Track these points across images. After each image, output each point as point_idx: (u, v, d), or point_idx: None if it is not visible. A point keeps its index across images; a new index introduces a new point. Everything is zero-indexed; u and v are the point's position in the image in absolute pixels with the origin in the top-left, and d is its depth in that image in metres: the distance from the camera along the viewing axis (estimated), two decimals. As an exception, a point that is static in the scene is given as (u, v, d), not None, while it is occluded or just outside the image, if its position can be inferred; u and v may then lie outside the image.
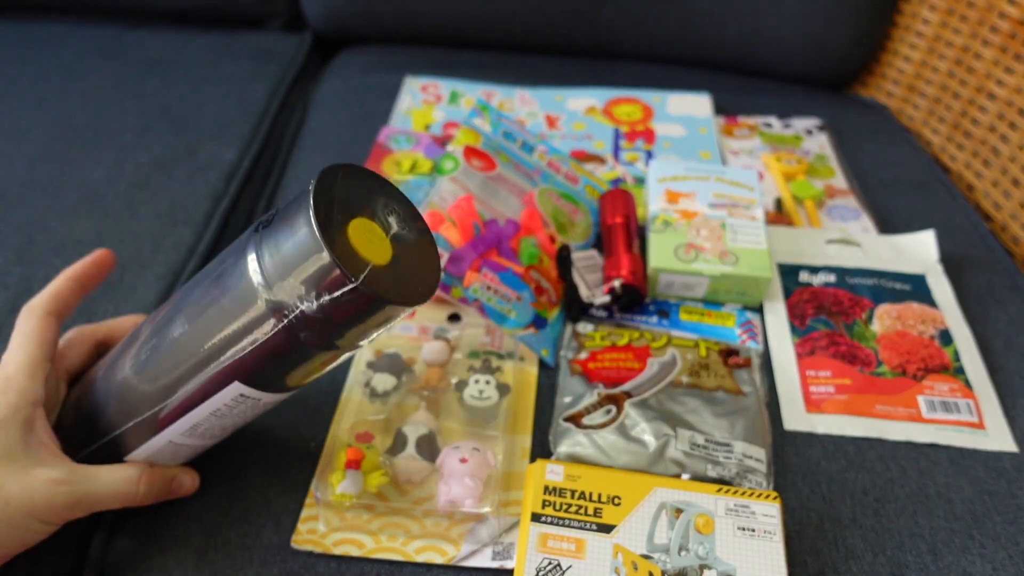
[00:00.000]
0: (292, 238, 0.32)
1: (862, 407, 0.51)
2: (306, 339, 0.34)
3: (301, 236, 0.32)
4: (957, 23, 0.79)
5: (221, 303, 0.35)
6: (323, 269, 0.32)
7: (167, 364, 0.37)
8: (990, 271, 0.63)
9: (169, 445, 0.40)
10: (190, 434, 0.40)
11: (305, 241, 0.32)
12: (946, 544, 0.44)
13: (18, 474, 0.36)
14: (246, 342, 0.35)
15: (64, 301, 0.42)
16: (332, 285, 0.32)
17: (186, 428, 0.39)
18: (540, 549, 0.40)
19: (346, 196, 0.34)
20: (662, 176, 0.64)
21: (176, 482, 0.43)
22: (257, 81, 0.83)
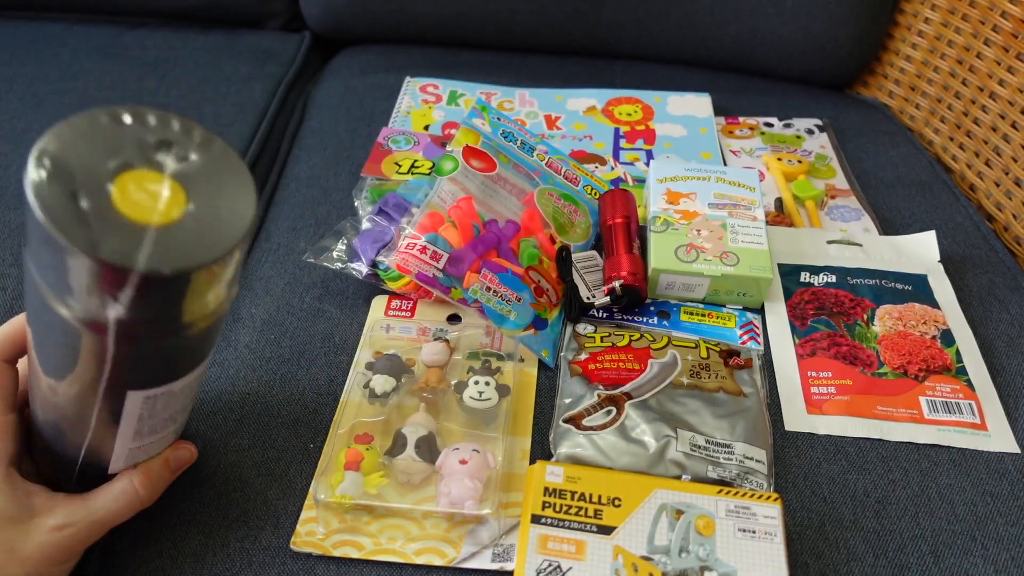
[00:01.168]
0: (45, 246, 0.26)
1: (863, 408, 0.51)
2: (150, 334, 0.29)
3: (48, 241, 0.25)
4: (959, 23, 0.78)
5: (51, 337, 0.30)
6: (92, 269, 0.25)
7: (61, 409, 0.34)
8: (992, 271, 0.62)
9: (134, 450, 0.38)
10: (142, 437, 0.37)
11: (55, 246, 0.25)
12: (948, 546, 0.44)
13: (21, 533, 0.36)
14: (99, 366, 0.30)
15: (16, 343, 0.39)
16: (115, 281, 0.26)
17: (130, 439, 0.37)
18: (540, 551, 0.39)
19: (88, 159, 0.26)
20: (662, 176, 0.64)
21: (173, 461, 0.42)
22: (256, 81, 0.83)
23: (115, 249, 0.25)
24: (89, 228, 0.25)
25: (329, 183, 0.70)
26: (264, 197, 0.73)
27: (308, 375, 0.52)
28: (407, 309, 0.56)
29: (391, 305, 0.57)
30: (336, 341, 0.55)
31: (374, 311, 0.56)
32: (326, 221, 0.65)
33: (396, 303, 0.57)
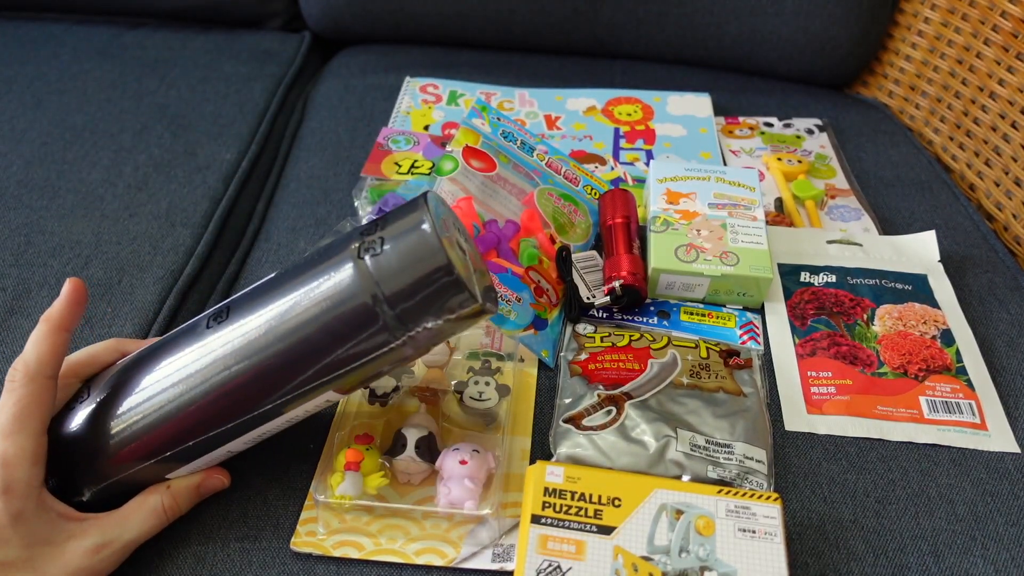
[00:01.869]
0: (416, 263, 0.35)
1: (863, 408, 0.51)
2: (408, 350, 0.38)
3: (427, 260, 0.35)
4: (959, 22, 0.78)
5: (330, 326, 0.36)
6: (456, 292, 0.35)
7: (261, 381, 0.38)
8: (992, 271, 0.62)
9: (224, 453, 0.41)
10: (255, 439, 0.41)
11: (434, 265, 0.35)
12: (948, 545, 0.44)
13: (55, 556, 0.36)
14: (360, 359, 0.37)
15: (58, 358, 0.38)
16: (461, 303, 0.36)
17: (256, 435, 0.40)
18: (540, 551, 0.39)
19: (438, 218, 0.37)
20: (662, 176, 0.64)
21: (205, 488, 0.42)
22: (256, 81, 0.83)
23: (468, 282, 0.36)
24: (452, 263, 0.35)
25: (329, 183, 0.70)
26: (264, 197, 0.73)
27: (308, 375, 0.52)
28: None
29: (391, 305, 0.57)
30: (336, 341, 0.54)
31: (374, 311, 0.56)
32: (326, 221, 0.65)
33: (396, 303, 0.57)
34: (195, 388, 0.38)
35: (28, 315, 0.54)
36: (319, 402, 0.40)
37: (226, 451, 0.41)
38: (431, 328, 0.37)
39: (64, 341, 0.39)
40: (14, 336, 0.53)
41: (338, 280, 0.36)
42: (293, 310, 0.37)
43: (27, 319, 0.54)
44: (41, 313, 0.54)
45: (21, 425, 0.36)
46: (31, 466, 0.36)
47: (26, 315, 0.54)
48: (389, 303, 0.35)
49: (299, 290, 0.37)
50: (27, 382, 0.37)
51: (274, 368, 0.37)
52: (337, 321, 0.36)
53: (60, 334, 0.38)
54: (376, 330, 0.36)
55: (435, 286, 0.35)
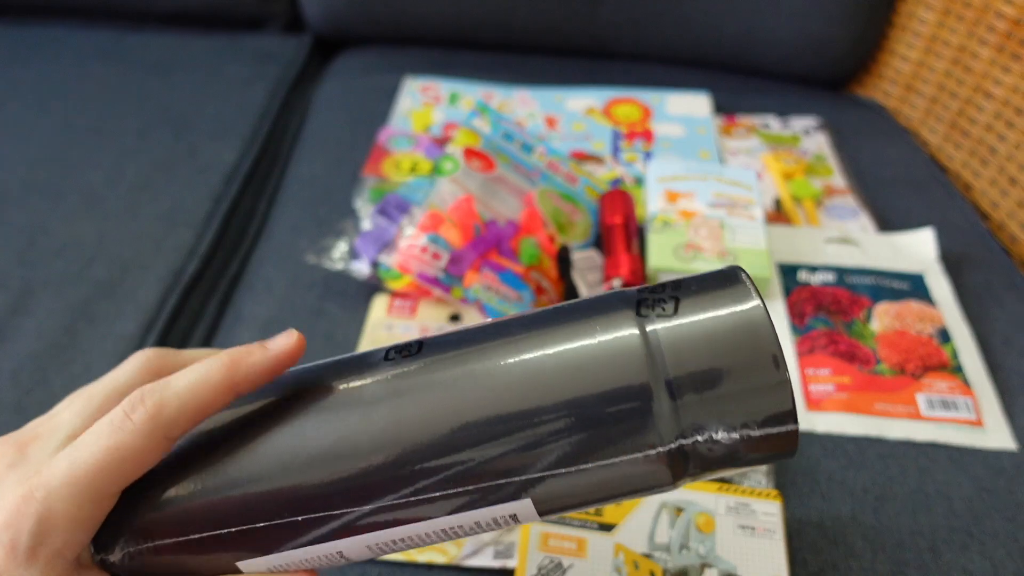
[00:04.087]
0: (733, 346, 0.24)
1: (861, 405, 0.51)
2: (663, 472, 0.24)
3: (752, 346, 0.23)
4: (954, 23, 0.79)
5: (577, 403, 0.24)
6: (776, 398, 0.23)
7: (437, 446, 0.24)
8: (988, 269, 0.63)
9: (331, 555, 0.26)
10: (377, 547, 0.26)
11: (763, 366, 0.23)
12: (946, 542, 0.44)
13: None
14: (596, 459, 0.24)
15: (203, 416, 0.25)
16: (776, 419, 0.23)
17: (384, 540, 0.26)
18: (541, 548, 0.40)
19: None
20: (661, 176, 0.64)
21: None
22: (257, 82, 0.83)
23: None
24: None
25: (330, 184, 0.70)
26: (266, 197, 0.73)
27: (310, 374, 0.52)
28: (408, 309, 0.57)
29: (392, 305, 0.57)
30: (337, 340, 0.55)
31: (375, 311, 0.57)
32: (327, 221, 0.65)
33: (397, 303, 0.57)
34: (325, 436, 0.25)
35: (31, 315, 0.54)
36: (505, 514, 0.25)
37: (336, 552, 0.26)
38: (715, 447, 0.24)
39: (227, 403, 0.26)
40: (17, 335, 0.53)
41: (610, 342, 0.24)
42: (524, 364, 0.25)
43: (30, 318, 0.54)
44: (43, 312, 0.55)
45: (97, 482, 0.24)
46: (76, 533, 0.24)
47: (30, 315, 0.54)
48: (675, 388, 0.24)
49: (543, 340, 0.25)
50: (147, 428, 0.24)
51: (463, 432, 0.24)
52: (592, 399, 0.24)
53: (230, 392, 0.26)
54: (642, 422, 0.24)
55: (752, 382, 0.23)
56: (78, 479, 0.23)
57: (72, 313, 0.55)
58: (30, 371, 0.51)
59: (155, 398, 0.24)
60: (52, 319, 0.54)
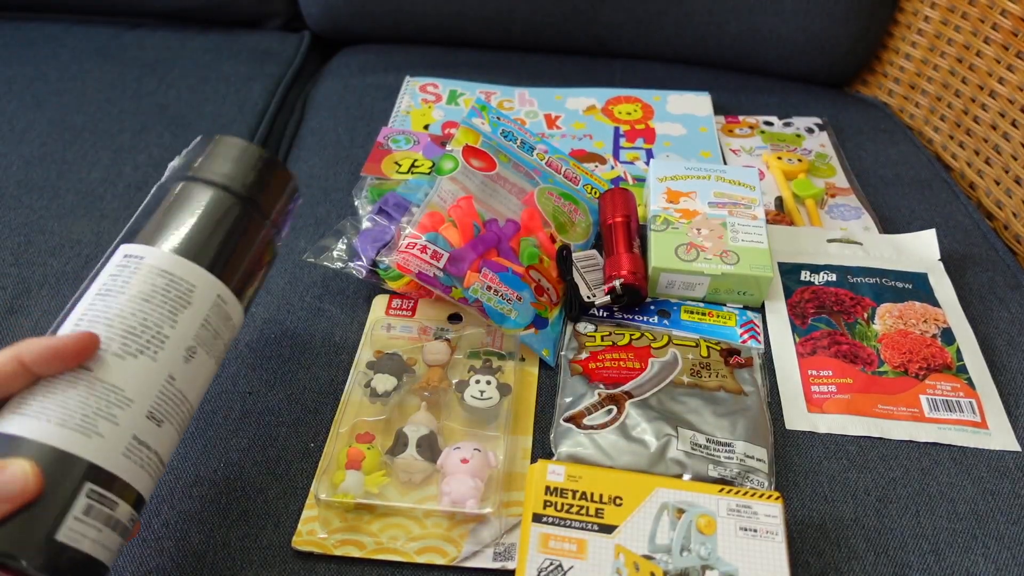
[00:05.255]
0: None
1: (864, 407, 0.51)
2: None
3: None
4: (959, 21, 0.78)
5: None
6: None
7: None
8: (992, 270, 0.62)
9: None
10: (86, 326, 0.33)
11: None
12: (949, 544, 0.44)
13: None
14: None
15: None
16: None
17: (78, 316, 0.34)
18: (541, 550, 0.39)
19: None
20: (662, 175, 0.64)
21: (6, 475, 0.29)
22: (256, 81, 0.83)
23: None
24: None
25: (329, 183, 0.70)
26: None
27: (309, 374, 0.52)
28: (408, 308, 0.56)
29: (392, 304, 0.57)
30: (337, 340, 0.55)
31: (375, 310, 0.56)
32: (326, 221, 0.65)
33: (397, 302, 0.57)
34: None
35: (28, 314, 0.54)
36: (118, 259, 0.37)
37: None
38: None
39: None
40: (14, 335, 0.53)
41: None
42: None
43: (27, 318, 0.54)
44: (39, 312, 0.55)
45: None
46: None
47: (26, 314, 0.54)
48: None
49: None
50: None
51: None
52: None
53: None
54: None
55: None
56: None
57: (69, 312, 0.55)
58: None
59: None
60: (49, 319, 0.54)
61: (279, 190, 0.43)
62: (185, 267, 0.36)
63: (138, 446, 0.33)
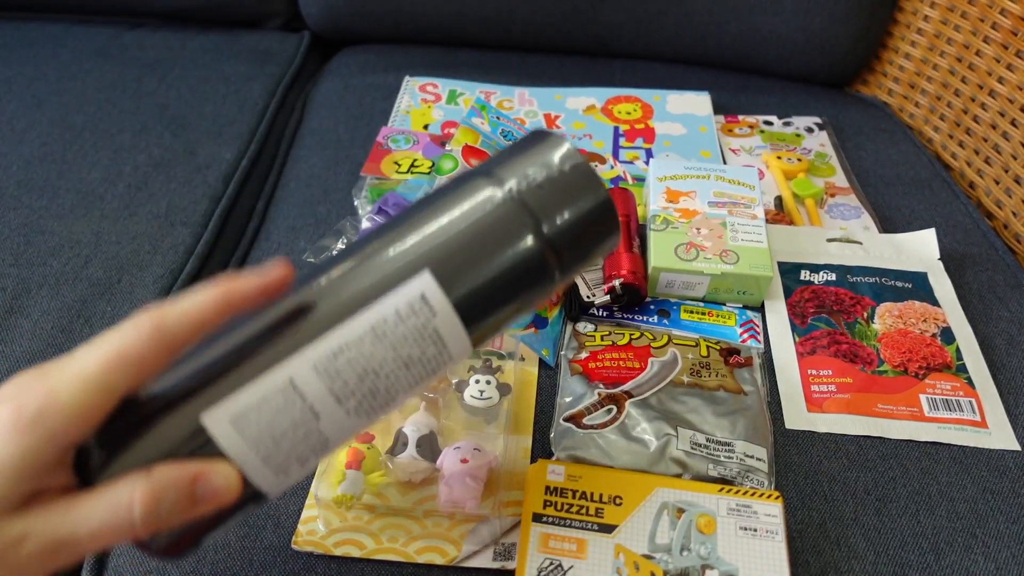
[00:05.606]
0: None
1: (864, 406, 0.51)
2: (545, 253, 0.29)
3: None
4: (958, 20, 0.78)
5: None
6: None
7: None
8: (992, 269, 0.62)
9: (288, 392, 0.27)
10: (334, 374, 0.28)
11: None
12: (949, 543, 0.44)
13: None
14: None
15: (201, 326, 0.28)
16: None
17: (332, 350, 0.28)
18: (541, 549, 0.39)
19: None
20: (662, 175, 0.64)
21: (203, 482, 0.27)
22: (255, 81, 0.83)
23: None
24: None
25: (329, 182, 0.70)
26: (264, 196, 0.73)
27: (308, 375, 0.52)
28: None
29: (391, 304, 0.57)
30: (336, 340, 0.54)
31: (374, 310, 0.56)
32: (326, 220, 0.65)
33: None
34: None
35: (27, 315, 0.54)
36: (412, 296, 0.28)
37: (287, 380, 0.27)
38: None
39: (222, 318, 0.28)
40: (14, 336, 0.53)
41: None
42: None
43: (26, 319, 0.54)
44: (39, 312, 0.54)
45: (103, 377, 0.26)
46: (75, 420, 0.25)
47: (25, 315, 0.54)
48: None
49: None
50: (149, 334, 0.26)
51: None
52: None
53: (225, 307, 0.28)
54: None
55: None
56: (86, 372, 0.26)
57: (69, 313, 0.54)
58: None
59: (158, 311, 0.27)
60: (48, 319, 0.54)
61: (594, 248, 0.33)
62: (461, 342, 0.30)
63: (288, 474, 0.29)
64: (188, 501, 0.27)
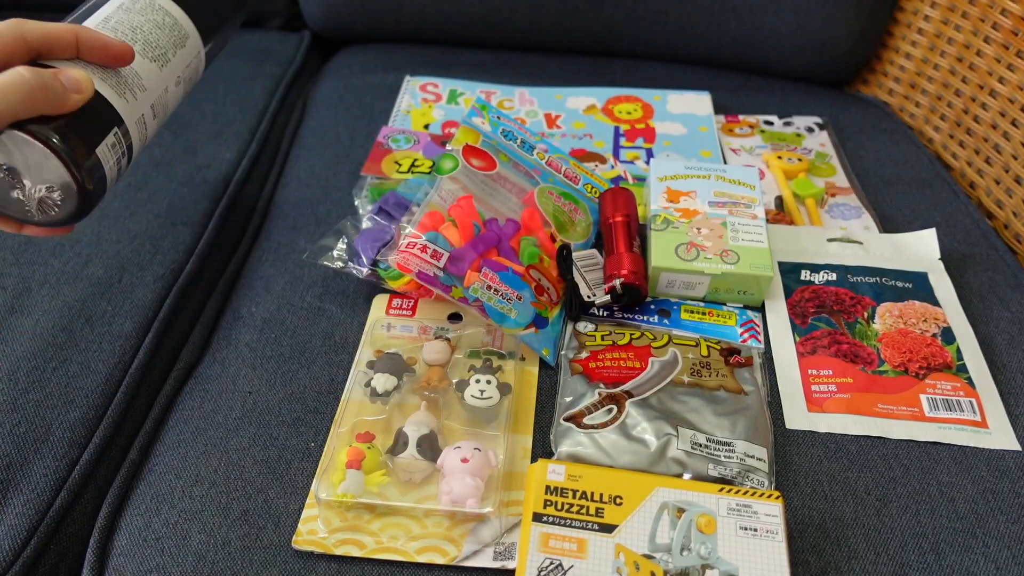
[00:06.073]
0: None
1: (864, 406, 0.51)
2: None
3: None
4: (959, 20, 0.78)
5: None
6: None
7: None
8: (992, 269, 0.62)
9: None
10: (112, 28, 0.43)
11: None
12: (949, 543, 0.44)
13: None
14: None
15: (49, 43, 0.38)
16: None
17: (104, 17, 0.44)
18: (542, 549, 0.39)
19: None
20: (663, 175, 0.64)
21: (64, 74, 0.38)
22: (256, 81, 0.83)
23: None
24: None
25: (329, 182, 0.70)
26: (264, 196, 0.73)
27: (309, 374, 0.52)
28: (408, 308, 0.56)
29: (392, 304, 0.57)
30: (337, 340, 0.55)
31: (375, 310, 0.56)
32: (326, 220, 0.65)
33: (397, 302, 0.57)
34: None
35: (28, 314, 0.54)
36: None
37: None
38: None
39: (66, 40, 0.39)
40: (14, 335, 0.53)
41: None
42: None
43: (27, 318, 0.54)
44: (40, 312, 0.55)
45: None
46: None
47: (26, 314, 0.54)
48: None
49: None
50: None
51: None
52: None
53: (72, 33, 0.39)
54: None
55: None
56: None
57: (69, 312, 0.54)
58: (27, 370, 0.51)
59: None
60: (49, 318, 0.54)
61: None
62: (185, 19, 0.47)
63: (141, 121, 0.44)
64: (59, 83, 0.38)
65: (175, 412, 0.52)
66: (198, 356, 0.57)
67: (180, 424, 0.51)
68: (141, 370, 0.54)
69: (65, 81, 0.38)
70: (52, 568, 0.45)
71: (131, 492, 0.47)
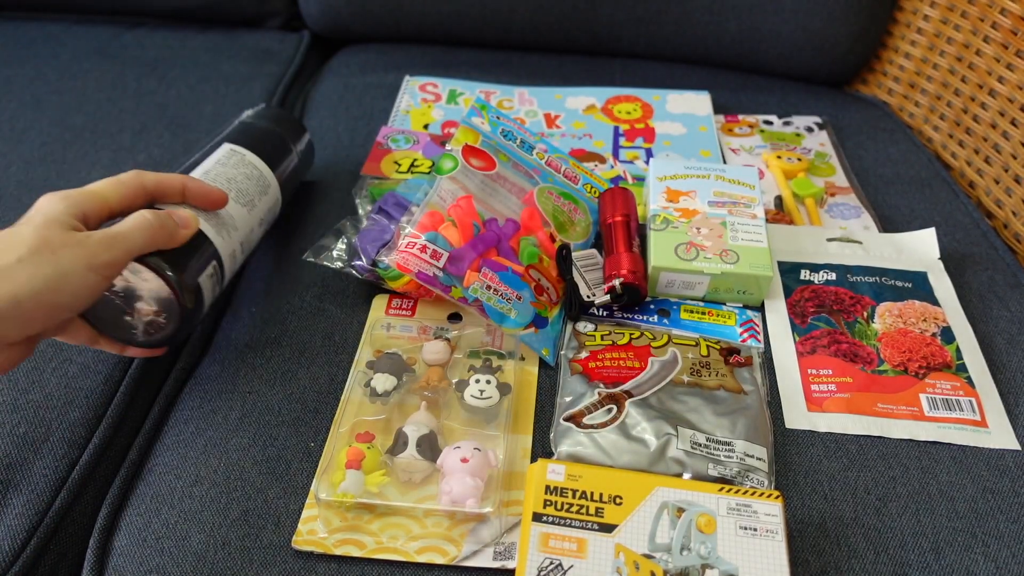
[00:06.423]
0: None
1: (864, 405, 0.51)
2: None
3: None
4: (958, 20, 0.78)
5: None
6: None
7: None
8: (992, 268, 0.62)
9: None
10: (212, 179, 0.52)
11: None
12: (949, 543, 0.44)
13: (64, 235, 0.40)
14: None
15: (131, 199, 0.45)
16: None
17: (204, 170, 0.53)
18: (542, 549, 0.39)
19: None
20: (662, 174, 0.64)
21: (176, 214, 0.46)
22: (255, 81, 0.83)
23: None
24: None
25: (329, 182, 0.70)
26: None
27: (309, 374, 0.52)
28: (408, 308, 0.56)
29: (392, 304, 0.57)
30: (337, 340, 0.55)
31: (375, 310, 0.56)
32: (326, 220, 0.65)
33: (396, 302, 0.57)
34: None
35: (28, 315, 0.54)
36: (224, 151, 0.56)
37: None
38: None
39: (136, 200, 0.46)
40: (14, 336, 0.53)
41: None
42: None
43: (27, 319, 0.54)
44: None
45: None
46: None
47: (26, 315, 0.54)
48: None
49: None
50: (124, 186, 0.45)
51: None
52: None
53: (142, 193, 0.46)
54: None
55: None
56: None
57: (69, 312, 0.54)
58: (27, 370, 0.51)
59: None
60: (49, 318, 0.54)
61: (299, 134, 0.64)
62: (268, 172, 0.57)
63: (232, 256, 0.51)
64: (172, 221, 0.45)
65: (175, 412, 0.52)
66: (198, 356, 0.57)
67: (180, 424, 0.51)
68: (141, 370, 0.54)
69: (177, 219, 0.45)
70: (52, 568, 0.45)
71: (131, 492, 0.47)
